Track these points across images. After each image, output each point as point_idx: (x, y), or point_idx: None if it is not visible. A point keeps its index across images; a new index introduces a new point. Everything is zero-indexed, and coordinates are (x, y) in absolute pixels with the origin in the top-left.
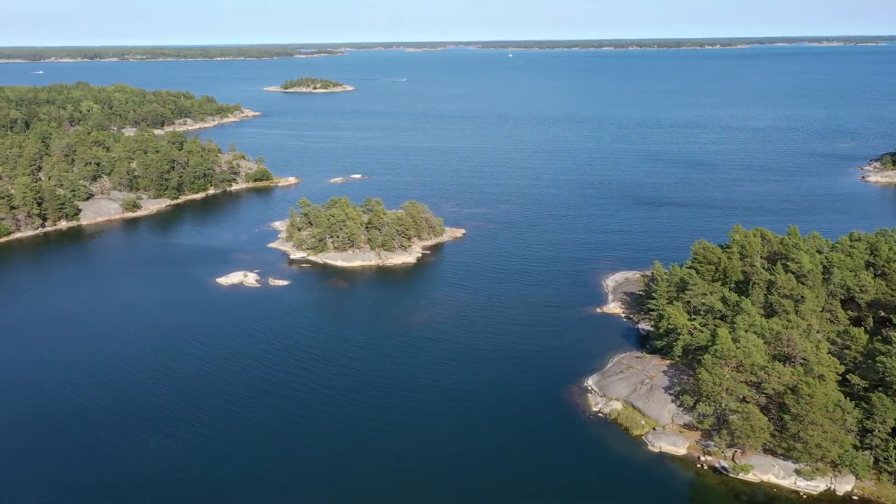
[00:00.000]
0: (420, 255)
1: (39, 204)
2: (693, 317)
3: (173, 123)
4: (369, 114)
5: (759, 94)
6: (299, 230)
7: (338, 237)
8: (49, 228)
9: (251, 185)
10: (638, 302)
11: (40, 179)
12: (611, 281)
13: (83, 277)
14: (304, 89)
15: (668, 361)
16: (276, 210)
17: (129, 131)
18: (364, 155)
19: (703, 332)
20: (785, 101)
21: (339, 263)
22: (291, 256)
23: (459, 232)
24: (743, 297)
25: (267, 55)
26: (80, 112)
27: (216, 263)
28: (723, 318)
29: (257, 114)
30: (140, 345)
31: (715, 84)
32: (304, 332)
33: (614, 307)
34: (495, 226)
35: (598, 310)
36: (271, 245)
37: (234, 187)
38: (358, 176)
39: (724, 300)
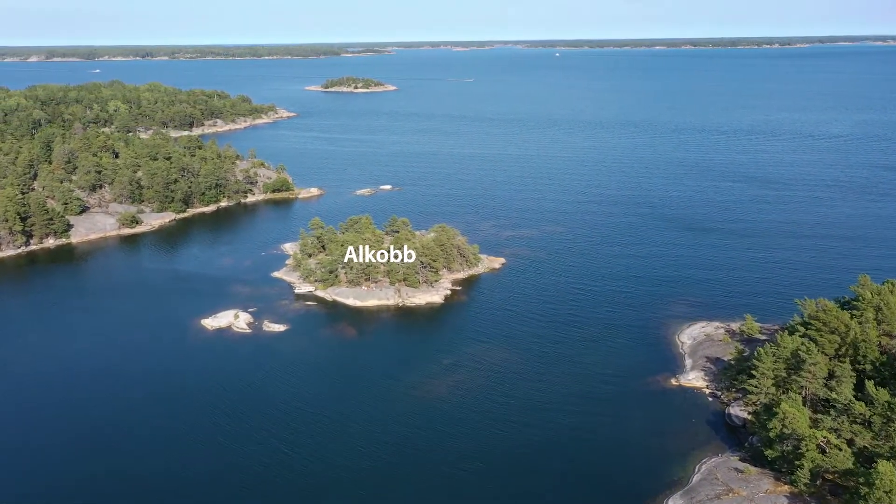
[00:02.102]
0: (448, 292)
1: (24, 219)
2: (818, 416)
3: (202, 125)
4: (408, 115)
5: (828, 97)
6: (309, 256)
7: (351, 268)
8: (34, 247)
9: (268, 196)
10: (727, 374)
11: (33, 190)
12: (686, 337)
13: (41, 313)
14: (344, 89)
15: (786, 487)
16: (290, 228)
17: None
18: (397, 162)
19: (840, 450)
20: (860, 105)
21: (351, 302)
22: (296, 290)
23: (497, 262)
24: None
25: (314, 54)
26: (108, 112)
27: (207, 297)
28: (866, 423)
29: (292, 114)
30: (68, 420)
31: (778, 85)
32: (287, 407)
33: (695, 378)
34: (540, 254)
35: (674, 381)
36: (275, 274)
37: (250, 199)
38: (388, 187)
39: (860, 393)
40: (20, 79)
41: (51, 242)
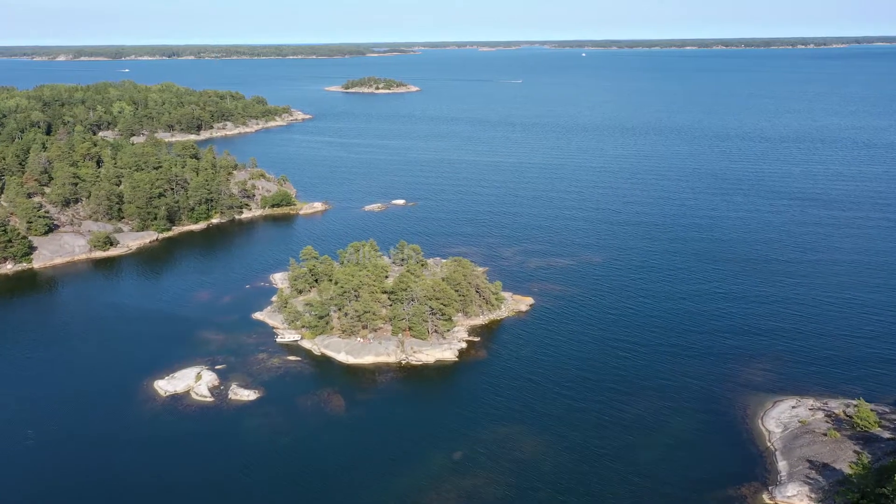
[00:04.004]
0: (464, 345)
1: None
2: None
3: (211, 127)
4: (427, 119)
5: (877, 100)
6: (300, 292)
7: (345, 314)
8: None
9: (267, 211)
10: (847, 495)
11: None
12: (774, 423)
13: None
14: (365, 89)
15: None
16: (284, 252)
17: (162, 136)
18: (413, 172)
19: None
20: None
21: (343, 357)
22: (279, 338)
23: (524, 302)
24: None
25: (339, 53)
26: (112, 114)
27: (170, 346)
28: None
29: (308, 116)
30: None
31: (818, 87)
32: None
33: (797, 496)
34: (574, 292)
35: (768, 498)
36: (257, 315)
37: (246, 214)
38: (401, 202)
39: None
40: (42, 78)
41: (8, 268)
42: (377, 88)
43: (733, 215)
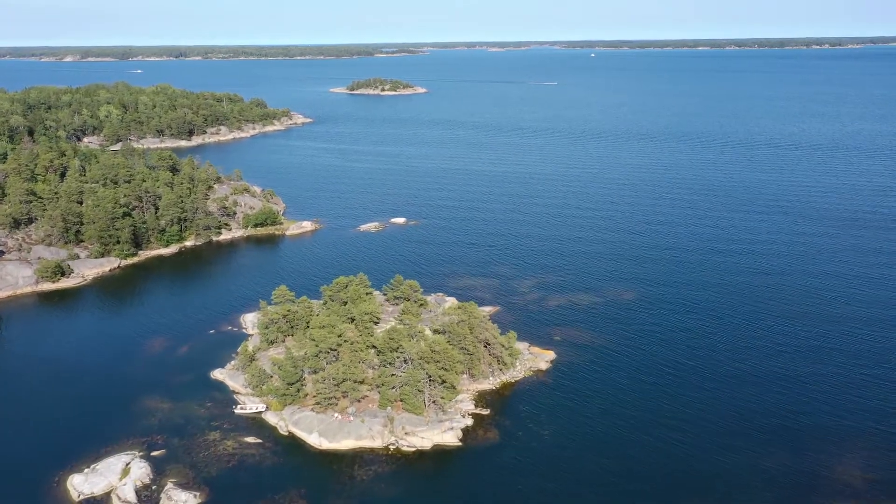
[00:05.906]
0: (469, 421)
1: None
2: None
3: (204, 132)
4: (433, 123)
5: None
6: (270, 344)
7: (321, 380)
8: None
9: (249, 232)
10: None
11: None
12: None
13: None
14: (370, 91)
15: None
16: (262, 284)
17: (151, 142)
18: (415, 183)
19: None
20: None
21: (314, 440)
22: (238, 409)
23: (544, 358)
24: None
25: (347, 54)
26: (98, 118)
27: (100, 420)
28: None
29: (308, 120)
30: None
31: (841, 89)
32: None
33: None
34: (604, 344)
35: None
36: (216, 375)
37: (224, 236)
38: (400, 220)
39: None
40: (47, 79)
41: None
42: (383, 90)
43: (780, 248)
